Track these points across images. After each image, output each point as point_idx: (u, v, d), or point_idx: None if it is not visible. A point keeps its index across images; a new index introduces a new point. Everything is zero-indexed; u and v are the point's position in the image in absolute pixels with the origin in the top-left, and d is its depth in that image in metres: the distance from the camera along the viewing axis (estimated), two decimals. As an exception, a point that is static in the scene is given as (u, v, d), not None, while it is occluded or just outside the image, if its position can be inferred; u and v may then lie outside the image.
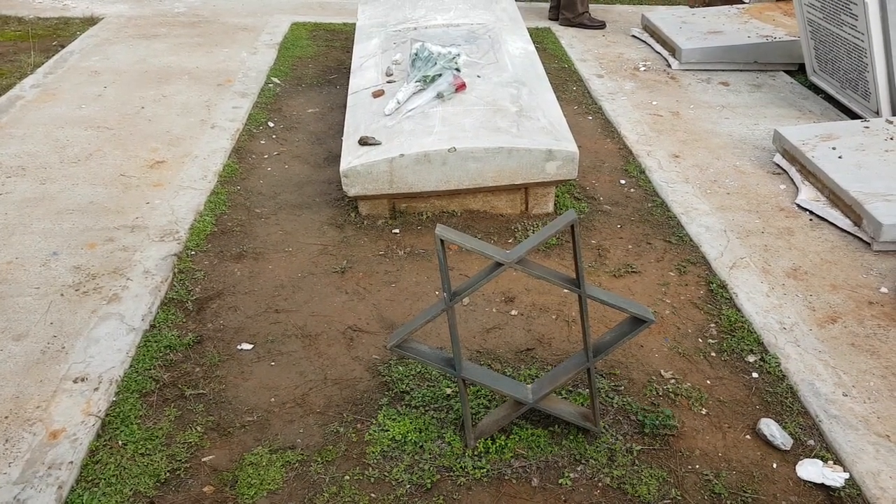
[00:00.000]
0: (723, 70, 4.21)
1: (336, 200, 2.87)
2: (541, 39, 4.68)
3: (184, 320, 2.14)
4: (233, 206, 2.80)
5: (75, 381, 1.87)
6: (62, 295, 2.20)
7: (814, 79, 3.99)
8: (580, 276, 1.60)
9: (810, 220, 2.77)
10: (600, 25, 4.87)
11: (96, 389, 1.85)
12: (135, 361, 1.96)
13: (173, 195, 2.79)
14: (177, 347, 2.03)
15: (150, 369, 1.95)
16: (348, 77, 3.44)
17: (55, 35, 4.47)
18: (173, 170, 2.98)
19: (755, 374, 2.00)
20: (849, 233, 2.65)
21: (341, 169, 2.64)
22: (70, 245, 2.46)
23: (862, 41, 3.38)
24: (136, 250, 2.44)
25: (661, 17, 4.64)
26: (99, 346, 1.99)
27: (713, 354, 2.08)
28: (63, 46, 4.26)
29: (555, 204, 2.83)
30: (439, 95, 2.95)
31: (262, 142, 3.35)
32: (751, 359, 2.06)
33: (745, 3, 5.00)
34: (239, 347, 2.05)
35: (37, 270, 2.32)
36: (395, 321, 2.17)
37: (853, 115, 3.66)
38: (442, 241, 1.59)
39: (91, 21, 4.66)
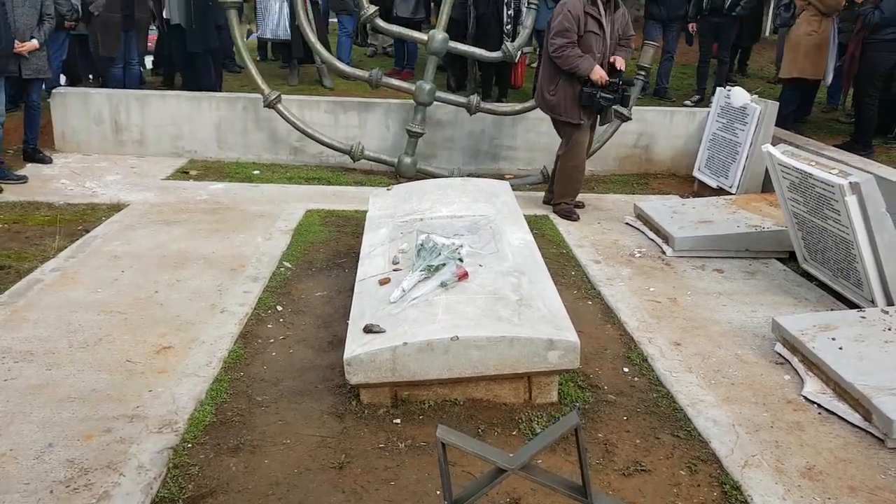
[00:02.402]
0: (716, 257, 4.37)
1: (338, 387, 2.86)
2: (539, 226, 4.92)
3: (174, 521, 2.06)
4: (234, 393, 2.79)
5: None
6: (51, 492, 2.14)
7: (806, 266, 4.12)
8: (587, 484, 1.56)
9: (819, 413, 2.73)
10: (573, 218, 5.10)
11: None
12: (117, 569, 1.86)
13: (176, 383, 2.80)
14: (163, 552, 1.93)
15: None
16: (357, 261, 3.58)
17: (82, 220, 4.73)
18: (179, 356, 3.02)
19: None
20: (860, 428, 2.60)
21: (344, 357, 2.67)
22: (67, 436, 2.43)
23: (847, 234, 3.54)
24: (132, 442, 2.40)
25: (653, 206, 4.91)
26: (82, 551, 1.90)
27: (730, 565, 1.96)
28: (88, 231, 4.49)
29: (559, 393, 2.82)
30: (443, 284, 3.05)
31: (269, 326, 3.41)
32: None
33: (731, 194, 5.30)
34: (228, 553, 1.95)
35: (30, 464, 2.27)
36: (394, 524, 2.08)
37: (849, 303, 3.73)
38: (443, 444, 1.57)
39: (117, 207, 4.95)
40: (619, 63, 4.78)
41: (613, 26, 4.78)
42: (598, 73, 4.68)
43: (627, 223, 5.03)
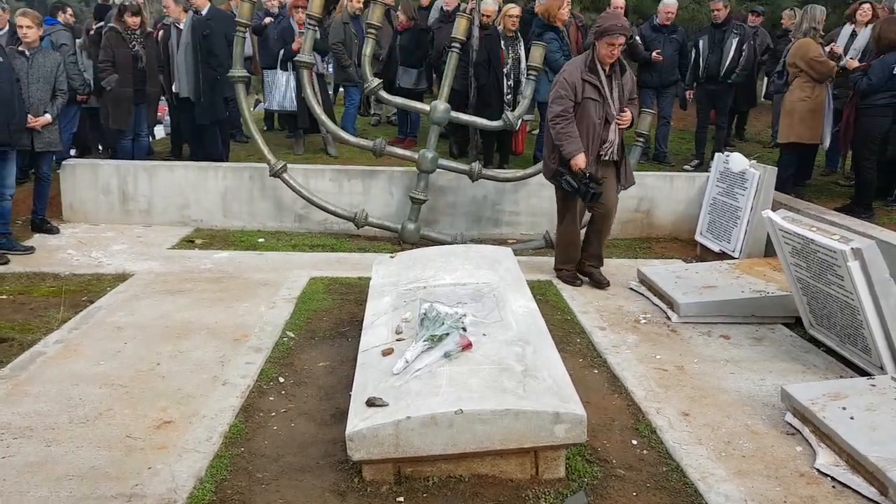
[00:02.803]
0: (722, 323, 4.34)
1: (340, 463, 2.81)
2: (543, 292, 4.91)
3: None
4: (235, 470, 2.74)
5: None
6: (44, 579, 2.08)
7: (812, 332, 4.09)
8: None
9: (833, 486, 2.66)
10: (576, 284, 5.04)
11: None
12: None
13: (176, 459, 2.75)
14: None
15: None
16: (360, 330, 3.57)
17: (87, 291, 4.75)
18: (180, 430, 2.98)
19: None
20: (876, 502, 2.53)
21: (346, 432, 2.63)
22: (63, 517, 2.37)
23: (852, 300, 3.53)
24: (129, 524, 2.34)
25: (656, 272, 4.91)
26: None
27: None
28: (92, 302, 4.51)
29: (566, 468, 2.76)
30: (446, 355, 3.03)
31: (271, 398, 3.37)
32: None
33: (734, 258, 5.31)
34: None
35: (23, 548, 2.21)
36: None
37: (858, 369, 3.69)
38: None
39: (122, 277, 4.97)
40: (626, 118, 4.73)
41: (620, 91, 4.70)
42: (576, 162, 4.60)
43: (632, 288, 5.02)
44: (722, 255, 5.53)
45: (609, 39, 4.51)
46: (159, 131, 8.32)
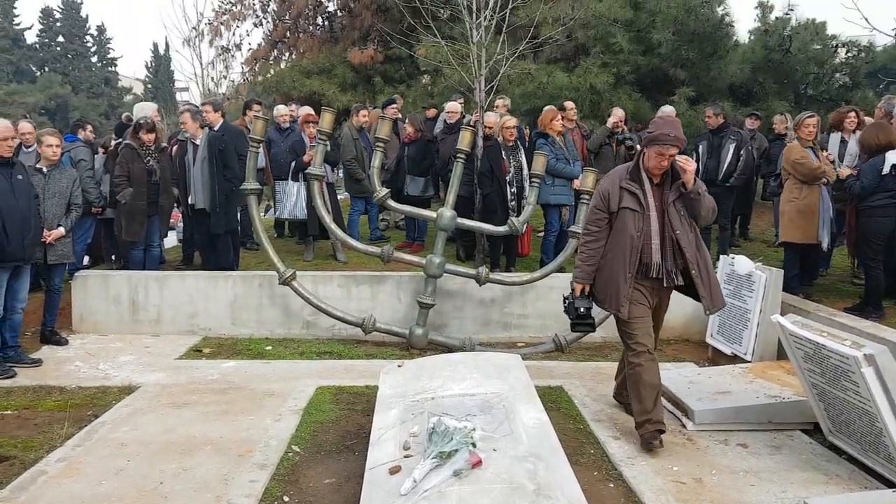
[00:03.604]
0: (738, 430, 4.23)
1: (347, 592, 2.67)
2: (554, 399, 4.83)
3: None
4: None
5: None
6: None
7: (832, 439, 3.97)
8: None
9: None
10: (654, 446, 4.00)
11: None
12: None
13: (175, 591, 2.63)
14: None
15: None
16: (367, 443, 3.49)
17: (92, 404, 4.71)
18: (180, 558, 2.86)
19: None
20: None
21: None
22: None
23: (870, 407, 3.45)
24: None
25: (669, 377, 4.83)
26: None
27: None
28: (97, 416, 4.45)
29: None
30: (456, 473, 2.95)
31: (276, 520, 3.26)
32: None
33: (747, 361, 5.24)
34: None
35: None
36: None
37: (882, 479, 3.55)
38: None
39: (128, 390, 4.94)
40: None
41: (671, 201, 3.97)
42: (579, 287, 4.20)
43: (643, 394, 4.92)
44: (734, 358, 5.45)
45: (659, 149, 3.91)
46: (171, 240, 8.48)
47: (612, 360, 5.86)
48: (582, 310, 4.24)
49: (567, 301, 4.34)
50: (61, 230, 5.59)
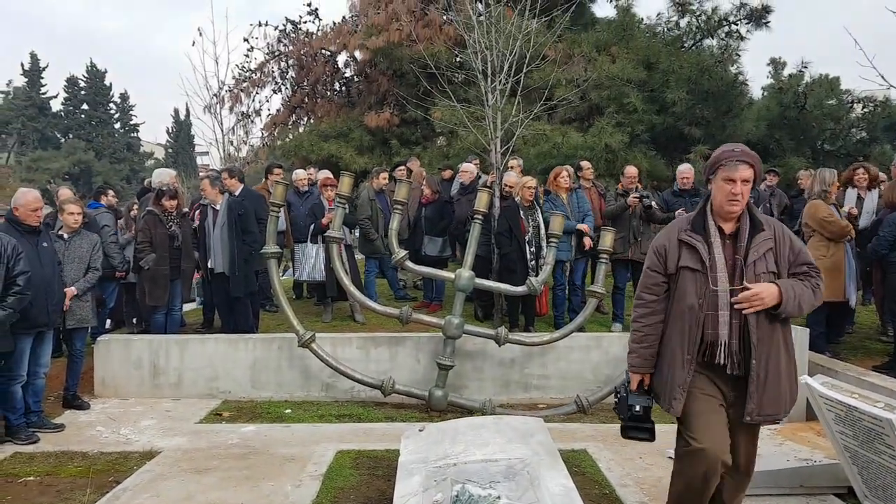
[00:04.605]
0: (769, 495, 4.11)
1: None
2: (578, 462, 4.74)
3: None
4: None
5: None
6: None
7: (868, 504, 3.84)
8: None
9: None
10: None
11: None
12: None
13: None
14: None
15: None
16: (388, 513, 3.43)
17: (114, 470, 4.68)
18: None
19: None
20: None
21: None
22: None
23: (906, 471, 3.35)
24: None
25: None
26: None
27: None
28: (118, 482, 4.42)
29: None
30: (482, 543, 2.88)
31: (297, 592, 3.18)
32: None
33: (777, 423, 5.12)
34: None
35: None
36: None
37: (925, 547, 3.42)
38: None
39: (150, 455, 4.91)
40: (751, 298, 2.90)
41: (753, 261, 2.97)
42: (636, 379, 3.22)
43: (670, 457, 4.80)
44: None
45: (726, 174, 2.95)
46: (190, 304, 8.56)
47: (636, 421, 5.76)
48: (638, 408, 3.24)
49: (619, 396, 3.33)
50: (73, 289, 5.62)
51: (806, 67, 11.48)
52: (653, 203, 7.34)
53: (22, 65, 40.37)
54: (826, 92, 11.21)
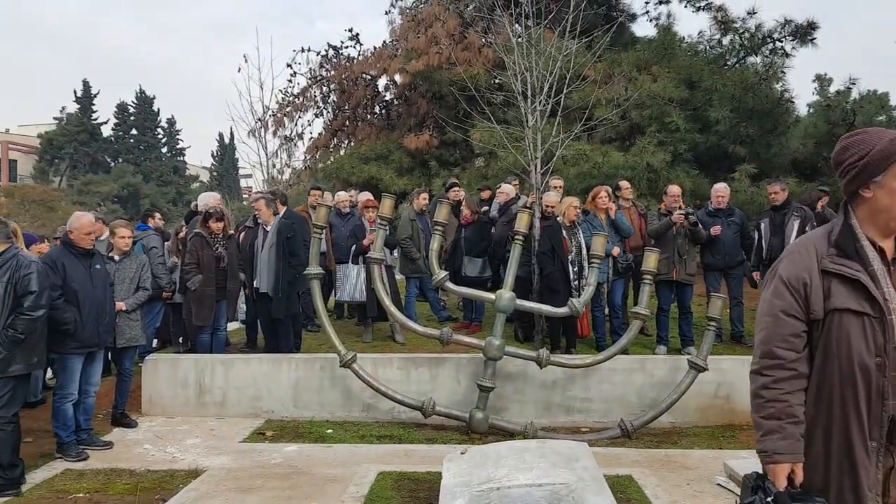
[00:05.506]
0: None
1: None
2: (624, 489, 4.63)
3: None
4: None
5: None
6: None
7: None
8: None
9: None
10: None
11: None
12: None
13: None
14: None
15: None
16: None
17: (160, 488, 4.75)
18: None
19: None
20: None
21: None
22: None
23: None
24: None
25: (746, 466, 4.57)
26: None
27: None
28: (165, 500, 4.49)
29: None
30: (528, 570, 2.83)
31: None
32: None
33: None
34: None
35: None
36: None
37: None
38: None
39: (194, 473, 4.98)
40: None
41: None
42: (775, 474, 2.06)
43: (719, 484, 4.69)
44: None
45: None
46: (233, 323, 8.70)
47: (682, 446, 5.62)
48: None
49: (763, 500, 2.04)
50: (122, 304, 5.77)
51: (854, 83, 11.22)
52: (699, 220, 7.23)
53: (74, 91, 42.09)
54: (875, 108, 10.93)
